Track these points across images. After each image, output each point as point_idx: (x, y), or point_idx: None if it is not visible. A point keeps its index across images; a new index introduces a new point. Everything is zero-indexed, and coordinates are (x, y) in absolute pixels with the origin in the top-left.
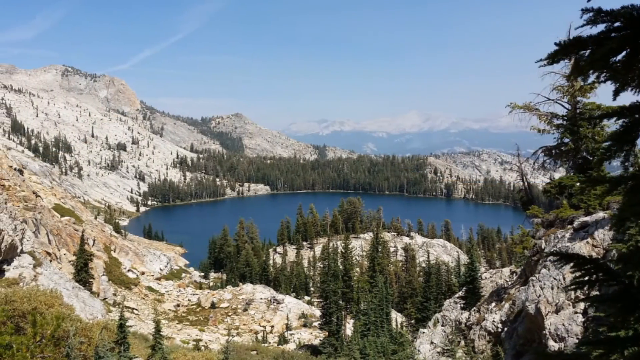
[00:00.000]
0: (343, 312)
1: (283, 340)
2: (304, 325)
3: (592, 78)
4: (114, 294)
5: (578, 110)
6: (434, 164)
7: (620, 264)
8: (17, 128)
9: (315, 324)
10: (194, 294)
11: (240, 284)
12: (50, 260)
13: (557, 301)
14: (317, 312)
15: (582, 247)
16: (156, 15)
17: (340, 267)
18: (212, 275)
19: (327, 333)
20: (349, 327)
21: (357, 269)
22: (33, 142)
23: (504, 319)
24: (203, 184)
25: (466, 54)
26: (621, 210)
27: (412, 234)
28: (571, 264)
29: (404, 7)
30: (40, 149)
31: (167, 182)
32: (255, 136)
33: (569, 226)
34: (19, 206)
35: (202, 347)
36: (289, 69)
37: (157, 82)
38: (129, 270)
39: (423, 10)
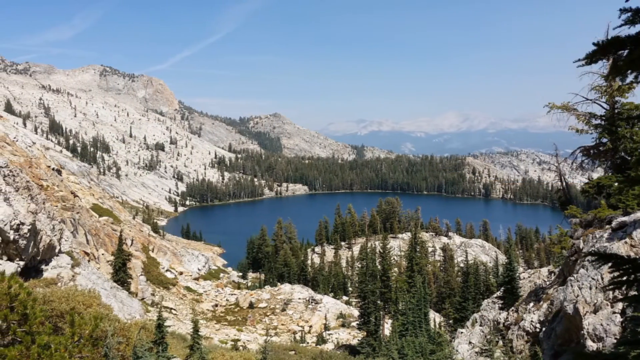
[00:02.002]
0: (381, 312)
1: (321, 340)
2: (342, 325)
3: (630, 78)
4: (152, 294)
5: (616, 110)
6: (472, 164)
7: None
8: (55, 128)
9: (354, 324)
10: (232, 294)
11: (279, 284)
12: (89, 260)
13: (596, 301)
14: (355, 312)
15: (620, 247)
16: (195, 16)
17: (379, 267)
18: (250, 275)
19: (365, 333)
20: (387, 327)
21: (396, 269)
22: (71, 142)
23: (542, 319)
24: (241, 184)
25: (504, 53)
26: None
27: (450, 234)
28: (609, 264)
29: (442, 7)
30: (79, 149)
31: (205, 182)
32: (293, 136)
33: (607, 226)
34: (57, 206)
35: (240, 347)
36: (327, 69)
37: (196, 82)
38: (167, 270)
39: (461, 10)
